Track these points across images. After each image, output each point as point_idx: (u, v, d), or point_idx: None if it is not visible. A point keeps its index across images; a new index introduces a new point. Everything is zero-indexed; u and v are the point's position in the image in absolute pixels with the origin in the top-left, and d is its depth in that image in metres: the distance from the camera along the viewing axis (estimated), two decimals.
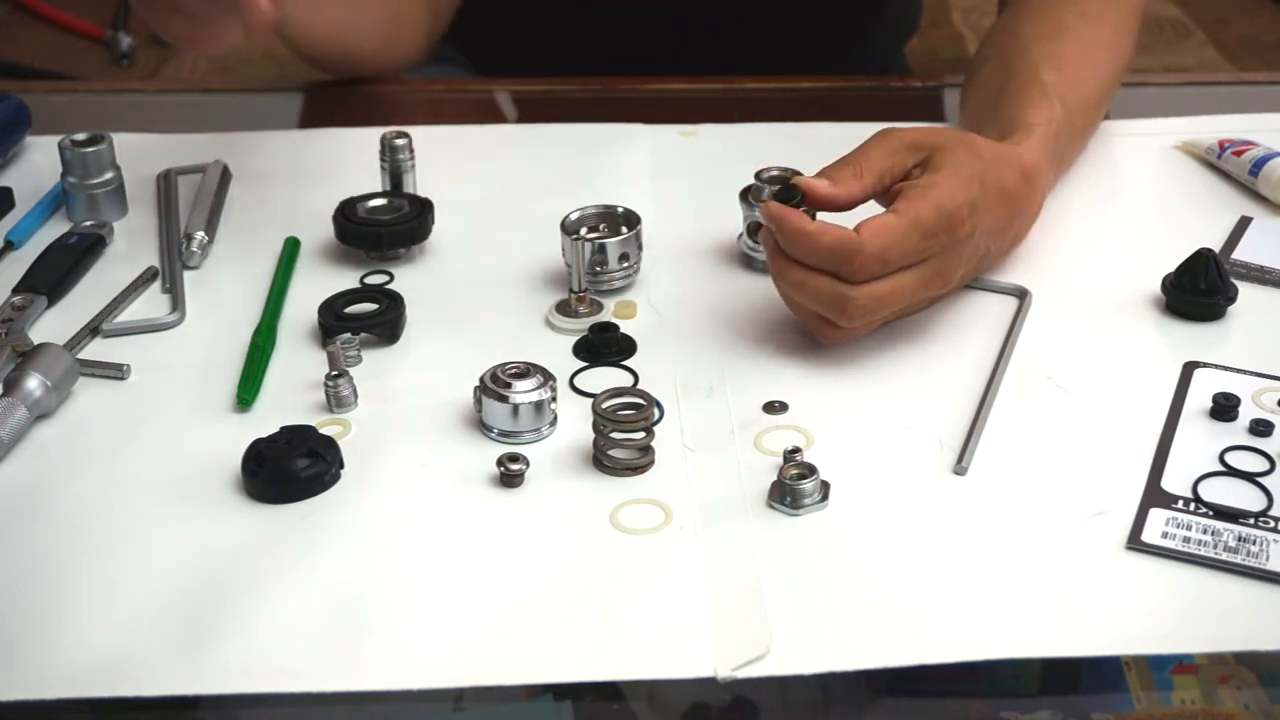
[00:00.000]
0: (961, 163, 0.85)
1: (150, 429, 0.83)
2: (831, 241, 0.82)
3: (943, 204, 0.83)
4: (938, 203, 0.83)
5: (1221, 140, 1.07)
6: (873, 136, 0.88)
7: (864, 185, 0.85)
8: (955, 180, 0.84)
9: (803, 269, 0.83)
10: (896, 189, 0.85)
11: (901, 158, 0.86)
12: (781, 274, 0.85)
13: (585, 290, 0.91)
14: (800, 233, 0.82)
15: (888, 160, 0.86)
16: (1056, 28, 1.05)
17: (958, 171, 0.85)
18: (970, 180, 0.85)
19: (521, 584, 0.71)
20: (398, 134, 1.01)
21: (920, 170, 0.86)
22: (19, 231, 1.01)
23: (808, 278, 0.83)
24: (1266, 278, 0.95)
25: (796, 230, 0.83)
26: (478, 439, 0.81)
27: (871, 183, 0.86)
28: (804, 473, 0.75)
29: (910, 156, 0.86)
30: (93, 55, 2.34)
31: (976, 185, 0.85)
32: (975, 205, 0.84)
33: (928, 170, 0.85)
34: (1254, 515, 0.74)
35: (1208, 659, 0.68)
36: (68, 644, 0.68)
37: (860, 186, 0.85)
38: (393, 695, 0.66)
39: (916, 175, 0.85)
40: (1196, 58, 2.48)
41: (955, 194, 0.83)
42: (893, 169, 0.86)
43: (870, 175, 0.86)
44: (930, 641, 0.68)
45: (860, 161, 0.86)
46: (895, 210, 0.83)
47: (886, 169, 0.86)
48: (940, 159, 0.85)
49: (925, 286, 0.84)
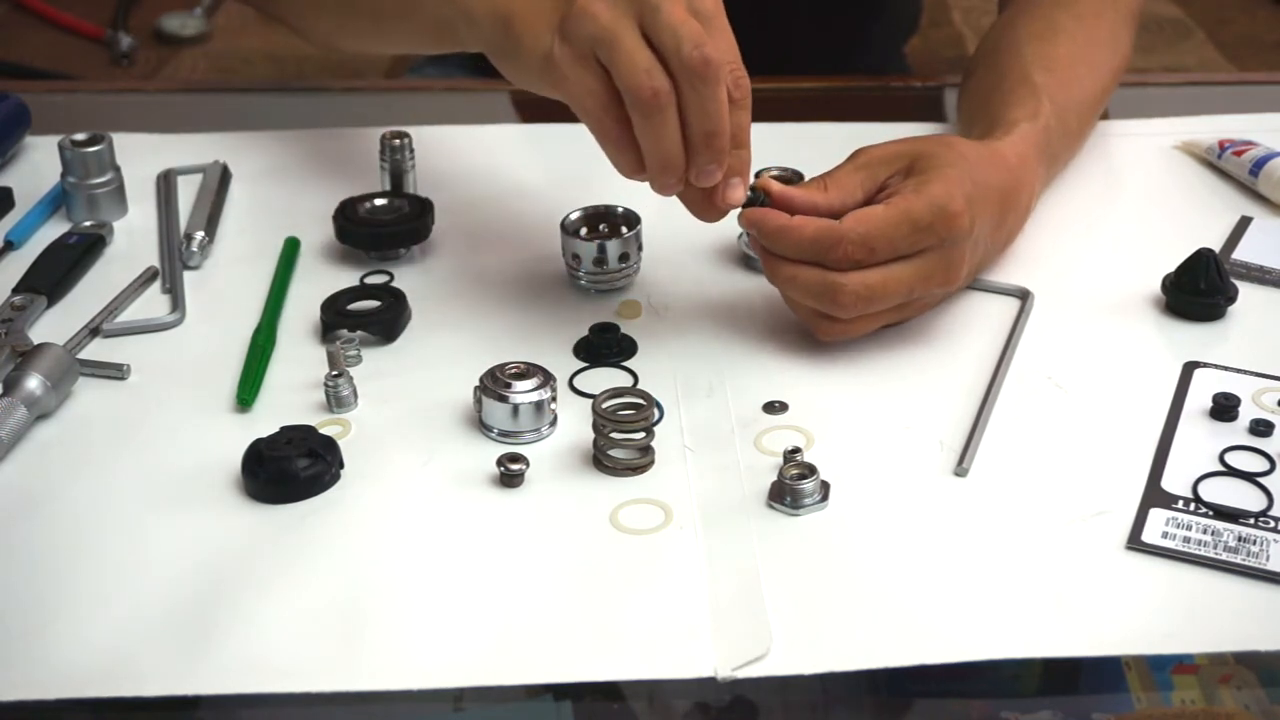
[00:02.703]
0: (948, 163, 0.86)
1: (150, 429, 0.83)
2: (814, 231, 0.82)
3: (936, 198, 0.83)
4: (930, 197, 0.83)
5: (1221, 140, 1.07)
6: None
7: (828, 197, 0.85)
8: (946, 178, 0.84)
9: (791, 264, 0.84)
10: (884, 196, 0.85)
11: (873, 171, 0.86)
12: (773, 272, 0.85)
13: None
14: (781, 228, 0.83)
15: (856, 175, 0.86)
16: (1051, 28, 1.05)
17: (945, 171, 0.85)
18: (961, 177, 0.85)
19: (521, 584, 0.71)
20: (398, 134, 1.01)
21: (901, 178, 0.86)
22: (19, 231, 1.01)
23: (797, 271, 0.83)
24: (1266, 278, 0.95)
25: (777, 227, 0.83)
26: (478, 439, 0.81)
27: (838, 195, 0.85)
28: (804, 473, 0.75)
29: (884, 169, 0.86)
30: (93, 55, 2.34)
31: (969, 182, 0.85)
32: (971, 200, 0.84)
33: (913, 175, 0.85)
34: (1254, 515, 0.74)
35: (1208, 659, 0.68)
36: (67, 644, 0.68)
37: (825, 198, 0.85)
38: (393, 695, 0.66)
39: (897, 183, 0.85)
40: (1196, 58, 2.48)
41: (949, 189, 0.83)
42: (862, 182, 0.86)
43: (835, 189, 0.86)
44: (930, 641, 0.68)
45: (826, 179, 0.87)
46: (884, 203, 0.83)
47: (856, 182, 0.86)
48: (925, 162, 0.85)
49: (925, 281, 0.84)
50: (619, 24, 0.80)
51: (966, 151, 0.88)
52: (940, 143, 0.88)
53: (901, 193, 0.84)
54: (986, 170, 0.88)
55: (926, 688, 0.68)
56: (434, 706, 0.67)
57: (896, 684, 0.68)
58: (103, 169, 1.03)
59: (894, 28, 1.49)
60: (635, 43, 0.79)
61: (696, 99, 0.79)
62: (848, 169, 0.87)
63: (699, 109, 0.79)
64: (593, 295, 0.94)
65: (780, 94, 1.23)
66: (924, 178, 0.84)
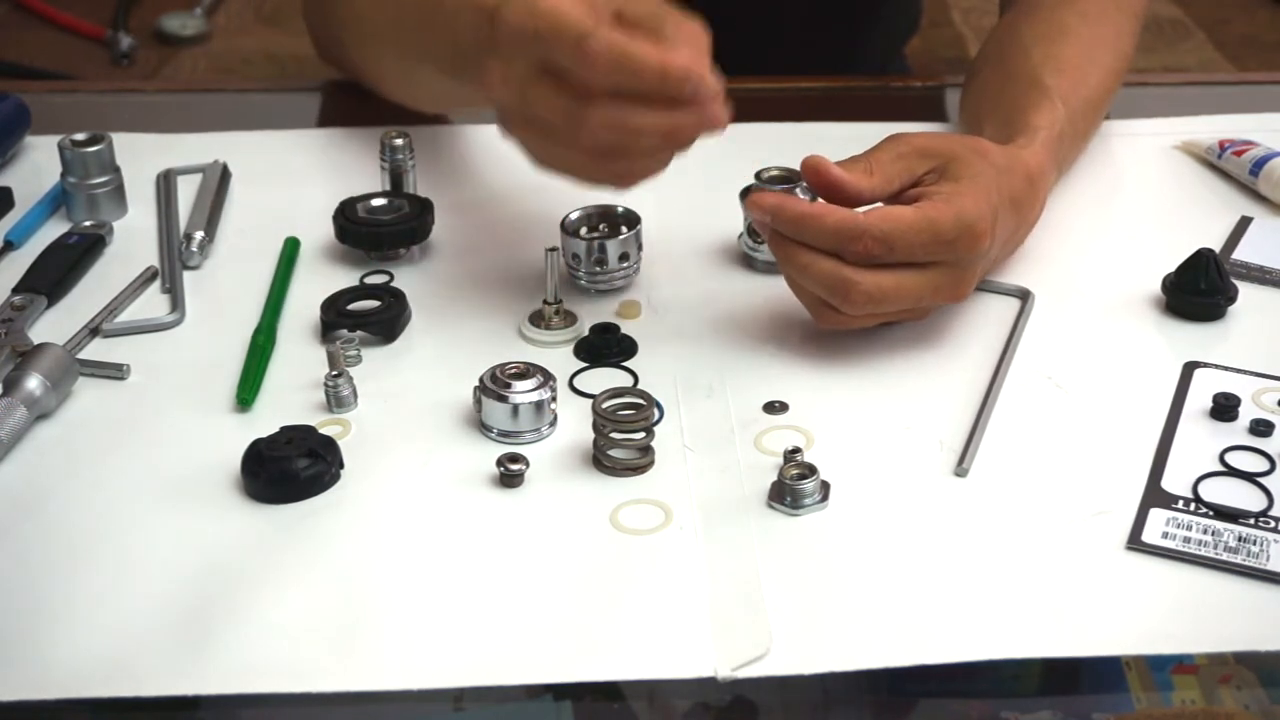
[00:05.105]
0: (980, 173, 0.85)
1: (150, 429, 0.83)
2: (836, 222, 0.82)
3: (964, 214, 0.82)
4: (959, 211, 0.82)
5: (1221, 140, 1.07)
6: (882, 140, 0.88)
7: (873, 184, 0.85)
8: (978, 191, 0.84)
9: (809, 252, 0.83)
10: (916, 193, 0.85)
11: (910, 163, 0.86)
12: (788, 259, 0.84)
13: (559, 301, 0.90)
14: (803, 215, 0.82)
15: (897, 164, 0.86)
16: (1058, 29, 1.05)
17: (978, 182, 0.84)
18: (990, 192, 0.84)
19: (521, 584, 0.71)
20: (398, 134, 1.01)
21: (935, 178, 0.85)
22: (19, 231, 1.01)
23: (814, 260, 0.83)
24: (1266, 278, 0.95)
25: (799, 214, 0.82)
26: (478, 439, 0.81)
27: (880, 183, 0.85)
28: (804, 473, 0.75)
29: (920, 163, 0.86)
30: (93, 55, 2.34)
31: (995, 196, 0.85)
32: (996, 218, 0.84)
33: (946, 179, 0.85)
34: (1254, 515, 0.74)
35: (1208, 659, 0.68)
36: (67, 644, 0.68)
37: (870, 184, 0.85)
38: (393, 695, 0.66)
39: (931, 182, 0.85)
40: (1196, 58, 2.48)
41: (979, 205, 0.83)
42: (900, 173, 0.86)
43: (880, 175, 0.85)
44: (930, 641, 0.68)
45: (870, 161, 0.86)
46: (913, 206, 0.83)
47: (895, 172, 0.86)
48: (958, 169, 0.85)
49: (935, 293, 0.84)
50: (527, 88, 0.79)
51: (997, 160, 0.88)
52: (974, 149, 0.87)
53: (931, 199, 0.83)
54: (1011, 182, 0.88)
55: (926, 688, 0.68)
56: (434, 706, 0.67)
57: (896, 684, 0.68)
58: (103, 169, 1.03)
59: (894, 28, 1.49)
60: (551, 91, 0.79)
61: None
62: (890, 156, 0.86)
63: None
64: (593, 295, 0.94)
65: (780, 94, 1.23)
66: (956, 187, 0.84)
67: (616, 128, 0.79)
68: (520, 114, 0.82)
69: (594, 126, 0.79)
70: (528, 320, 0.90)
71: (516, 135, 0.84)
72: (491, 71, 0.81)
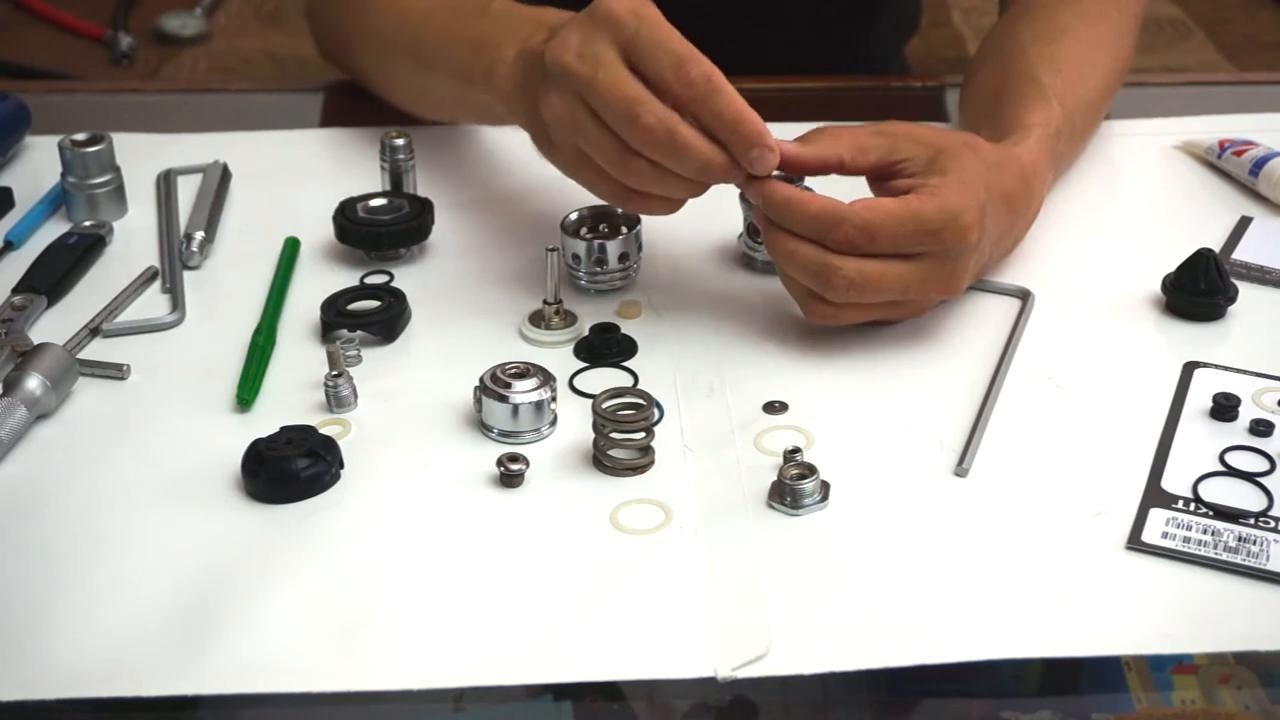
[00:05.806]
0: (968, 167, 0.85)
1: (150, 429, 0.83)
2: (818, 208, 0.83)
3: (950, 205, 0.82)
4: (945, 203, 0.82)
5: (1221, 140, 1.07)
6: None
7: (838, 149, 0.85)
8: (965, 184, 0.84)
9: (793, 239, 0.84)
10: (904, 185, 0.85)
11: (895, 142, 0.86)
12: (774, 245, 0.85)
13: (559, 301, 0.90)
14: (787, 199, 0.83)
15: (876, 139, 0.86)
16: (1056, 29, 1.05)
17: (964, 176, 0.84)
18: (977, 186, 0.85)
19: (521, 584, 0.71)
20: (398, 134, 1.01)
21: (923, 169, 0.85)
22: (19, 231, 1.01)
23: (798, 247, 0.83)
24: (1266, 278, 0.95)
25: (783, 198, 0.83)
26: (478, 439, 0.81)
27: (850, 149, 0.86)
28: (804, 473, 0.75)
29: (905, 146, 0.86)
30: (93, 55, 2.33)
31: (984, 191, 0.85)
32: (984, 210, 0.84)
33: (933, 171, 0.85)
34: (1254, 515, 0.74)
35: (1208, 659, 0.68)
36: (67, 644, 0.68)
37: (834, 149, 0.85)
38: (393, 695, 0.66)
39: (918, 173, 0.85)
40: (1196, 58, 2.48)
41: (965, 198, 0.83)
42: (879, 147, 0.86)
43: (849, 142, 0.86)
44: (930, 641, 0.68)
45: (841, 130, 0.87)
46: (897, 198, 0.83)
47: (873, 145, 0.86)
48: (946, 162, 0.85)
49: (924, 284, 0.84)
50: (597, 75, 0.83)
51: (988, 156, 0.88)
52: (965, 144, 0.87)
53: (916, 190, 0.83)
54: (1003, 179, 0.88)
55: (926, 688, 0.68)
56: (434, 706, 0.67)
57: (896, 684, 0.68)
58: (103, 169, 1.03)
59: (894, 28, 1.49)
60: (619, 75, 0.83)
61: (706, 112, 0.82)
62: (870, 129, 0.87)
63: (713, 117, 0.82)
64: (593, 295, 0.94)
65: (780, 94, 1.23)
66: (942, 180, 0.84)
67: (660, 177, 0.84)
68: (569, 142, 0.87)
69: (638, 170, 0.84)
70: (528, 320, 0.90)
71: (559, 160, 0.90)
72: (549, 103, 0.86)
